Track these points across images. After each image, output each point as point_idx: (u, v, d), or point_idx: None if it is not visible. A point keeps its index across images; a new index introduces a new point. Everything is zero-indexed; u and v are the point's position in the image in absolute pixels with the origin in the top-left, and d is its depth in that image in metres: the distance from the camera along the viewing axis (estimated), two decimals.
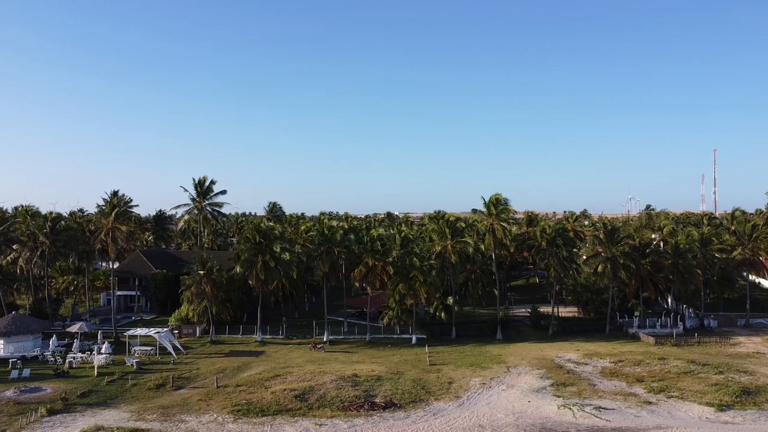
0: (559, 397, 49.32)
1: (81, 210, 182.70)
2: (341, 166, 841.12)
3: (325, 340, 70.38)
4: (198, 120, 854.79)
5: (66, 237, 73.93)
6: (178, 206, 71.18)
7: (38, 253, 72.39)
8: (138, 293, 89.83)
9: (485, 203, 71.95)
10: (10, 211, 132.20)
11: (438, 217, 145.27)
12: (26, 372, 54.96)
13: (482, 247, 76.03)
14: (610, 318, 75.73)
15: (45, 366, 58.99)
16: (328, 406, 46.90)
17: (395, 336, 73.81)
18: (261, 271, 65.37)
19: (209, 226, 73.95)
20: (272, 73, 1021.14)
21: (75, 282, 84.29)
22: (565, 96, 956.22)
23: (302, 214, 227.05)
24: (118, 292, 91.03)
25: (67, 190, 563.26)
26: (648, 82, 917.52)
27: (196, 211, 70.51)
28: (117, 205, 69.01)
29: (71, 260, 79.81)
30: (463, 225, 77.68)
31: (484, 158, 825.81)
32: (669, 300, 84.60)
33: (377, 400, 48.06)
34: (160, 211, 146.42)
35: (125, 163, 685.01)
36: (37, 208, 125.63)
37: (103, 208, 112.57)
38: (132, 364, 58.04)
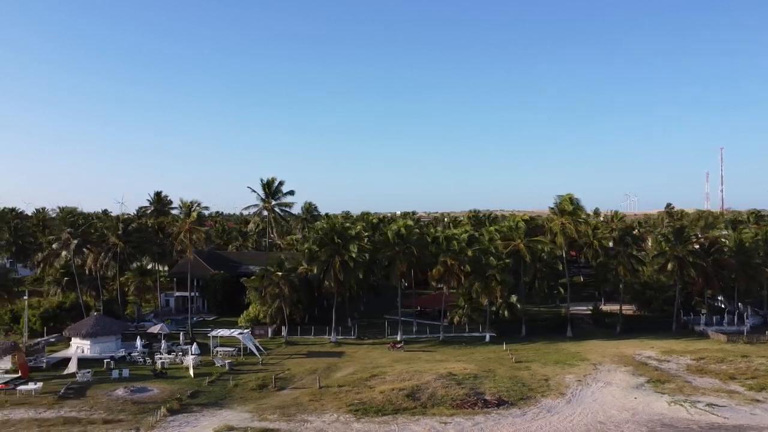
0: (660, 393, 50.07)
1: (105, 211, 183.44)
2: (341, 166, 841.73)
3: (399, 339, 70.97)
4: (198, 120, 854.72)
5: (137, 238, 74.26)
6: (248, 207, 71.63)
7: (110, 254, 72.70)
8: (196, 294, 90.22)
9: (557, 202, 72.85)
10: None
11: (476, 215, 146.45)
12: (125, 372, 55.43)
13: (546, 247, 76.50)
14: (676, 316, 76.53)
15: (134, 366, 59.27)
16: (441, 404, 47.51)
17: (466, 335, 74.47)
18: (339, 272, 65.95)
19: (278, 227, 74.33)
20: (272, 73, 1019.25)
21: (131, 282, 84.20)
22: (565, 95, 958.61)
23: (326, 214, 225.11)
24: (176, 293, 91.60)
25: (67, 189, 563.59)
26: (647, 81, 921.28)
27: (265, 212, 70.85)
28: (192, 207, 69.14)
29: (144, 261, 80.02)
30: (541, 223, 78.41)
31: (484, 158, 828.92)
32: (725, 298, 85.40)
33: (488, 398, 48.69)
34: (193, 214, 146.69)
35: (125, 163, 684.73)
36: (79, 209, 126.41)
37: (146, 209, 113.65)
38: (224, 365, 58.48)
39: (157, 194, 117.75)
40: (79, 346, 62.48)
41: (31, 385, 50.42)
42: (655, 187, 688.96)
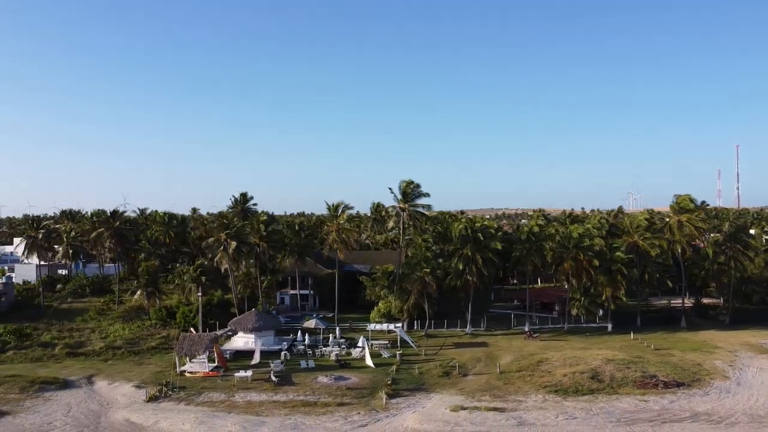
0: None
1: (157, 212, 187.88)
2: (341, 166, 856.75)
3: (526, 330, 75.79)
4: (200, 122, 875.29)
5: (276, 238, 78.97)
6: (386, 207, 76.70)
7: (253, 254, 77.42)
8: (311, 292, 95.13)
9: (676, 201, 78.05)
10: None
11: (543, 214, 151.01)
12: (311, 363, 60.13)
13: (662, 243, 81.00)
14: None
15: (306, 358, 63.69)
16: (624, 385, 52.27)
17: (584, 325, 79.64)
18: (483, 267, 70.96)
19: (412, 228, 79.30)
20: (275, 75, 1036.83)
21: (265, 280, 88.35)
22: (563, 94, 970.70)
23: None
24: (290, 291, 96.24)
25: (64, 191, 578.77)
26: (646, 81, 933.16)
27: (402, 212, 75.90)
28: (339, 208, 73.99)
29: (286, 259, 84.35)
30: (650, 222, 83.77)
31: (484, 158, 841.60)
32: None
33: (664, 380, 53.31)
34: (263, 212, 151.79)
35: (124, 164, 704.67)
36: (171, 212, 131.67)
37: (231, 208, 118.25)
38: (395, 356, 63.14)
39: (243, 195, 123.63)
40: (247, 340, 67.10)
41: (241, 373, 55.24)
42: (657, 186, 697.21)
